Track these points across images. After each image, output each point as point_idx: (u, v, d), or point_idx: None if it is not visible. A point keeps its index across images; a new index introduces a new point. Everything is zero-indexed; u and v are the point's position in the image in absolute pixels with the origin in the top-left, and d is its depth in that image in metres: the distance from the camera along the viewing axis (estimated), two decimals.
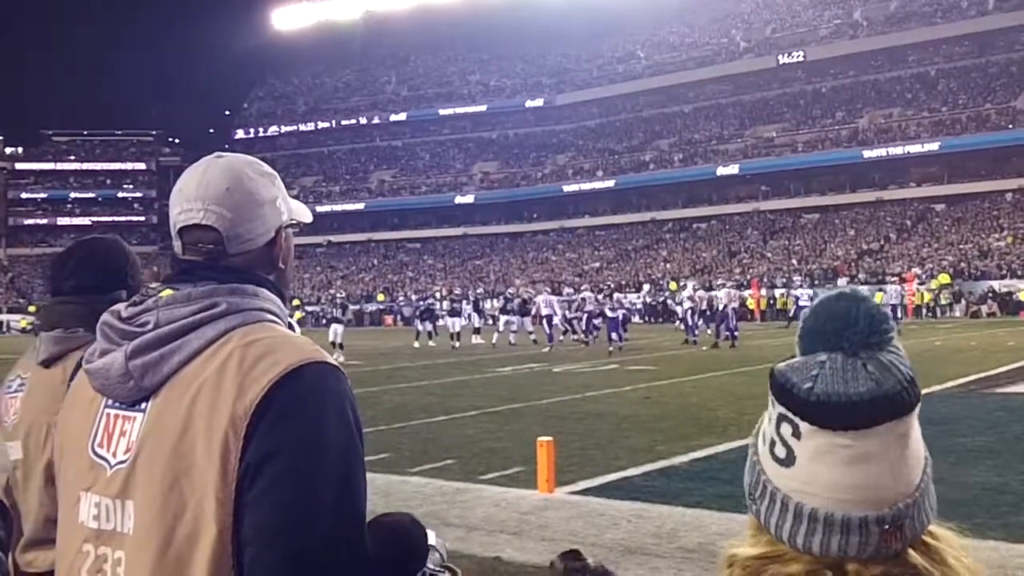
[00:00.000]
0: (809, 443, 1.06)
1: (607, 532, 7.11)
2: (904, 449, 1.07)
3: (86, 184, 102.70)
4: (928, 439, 3.81)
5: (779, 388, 1.10)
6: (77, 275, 2.60)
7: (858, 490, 1.04)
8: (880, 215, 64.60)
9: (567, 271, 70.22)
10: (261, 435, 1.39)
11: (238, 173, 1.63)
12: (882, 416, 1.04)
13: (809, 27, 78.46)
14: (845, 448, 1.04)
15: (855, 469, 1.04)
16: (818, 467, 1.06)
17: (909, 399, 1.06)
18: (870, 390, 1.04)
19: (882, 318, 1.09)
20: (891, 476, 1.05)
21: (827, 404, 1.05)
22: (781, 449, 1.10)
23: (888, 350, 1.08)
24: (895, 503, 1.05)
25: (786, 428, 1.09)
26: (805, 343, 1.12)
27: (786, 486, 1.09)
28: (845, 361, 1.06)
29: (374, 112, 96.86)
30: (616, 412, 14.27)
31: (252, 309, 1.54)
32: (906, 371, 1.07)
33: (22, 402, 2.53)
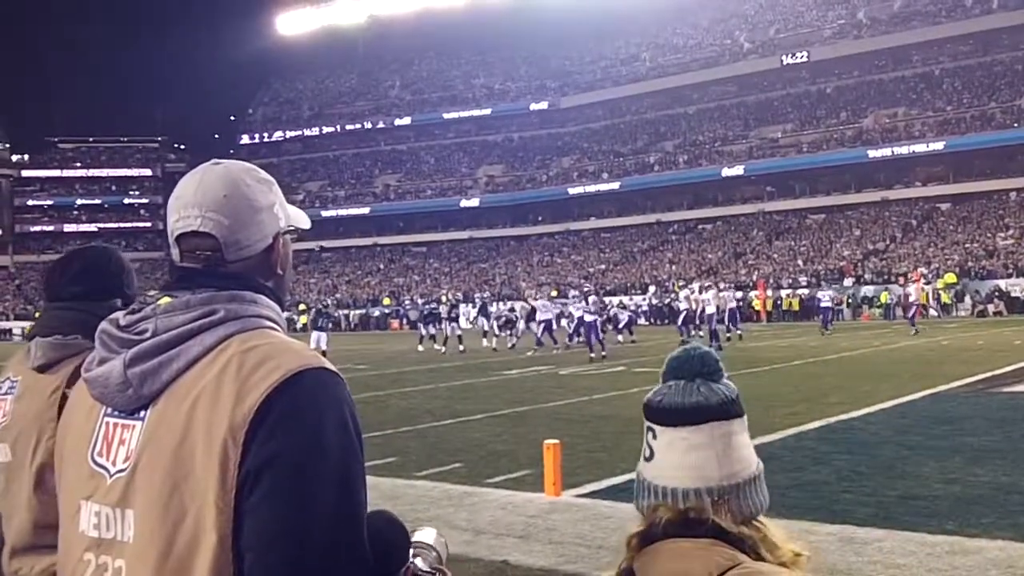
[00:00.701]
0: (662, 440, 1.50)
1: (614, 535, 7.08)
2: (727, 447, 1.47)
3: (92, 191, 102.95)
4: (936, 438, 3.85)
5: (645, 407, 1.54)
6: (75, 282, 2.59)
7: (693, 469, 1.46)
8: (886, 215, 64.50)
9: (573, 274, 70.17)
10: (260, 441, 1.39)
11: (235, 180, 1.63)
12: (707, 417, 1.47)
13: (813, 27, 78.38)
14: (683, 440, 1.47)
15: (691, 455, 1.46)
16: (667, 456, 1.48)
17: (729, 409, 1.49)
18: (699, 401, 1.48)
19: (711, 359, 1.53)
20: (716, 462, 1.46)
21: (670, 409, 1.49)
22: (647, 451, 1.52)
23: (718, 381, 1.51)
24: (720, 482, 1.45)
25: (649, 435, 1.52)
26: (662, 379, 1.55)
27: (650, 475, 1.50)
28: (685, 384, 1.51)
29: (379, 116, 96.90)
30: (622, 414, 14.24)
31: (250, 316, 1.54)
32: (730, 393, 1.50)
33: (13, 405, 2.50)
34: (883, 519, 7.01)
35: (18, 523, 2.37)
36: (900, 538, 6.58)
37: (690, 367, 1.52)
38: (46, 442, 2.36)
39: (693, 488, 1.45)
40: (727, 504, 1.44)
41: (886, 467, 9.21)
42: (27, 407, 2.46)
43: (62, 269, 2.64)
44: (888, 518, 7.05)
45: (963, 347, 26.10)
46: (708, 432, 1.47)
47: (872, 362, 22.19)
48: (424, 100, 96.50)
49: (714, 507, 1.43)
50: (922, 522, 6.95)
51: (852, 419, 12.61)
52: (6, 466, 2.46)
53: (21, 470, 2.40)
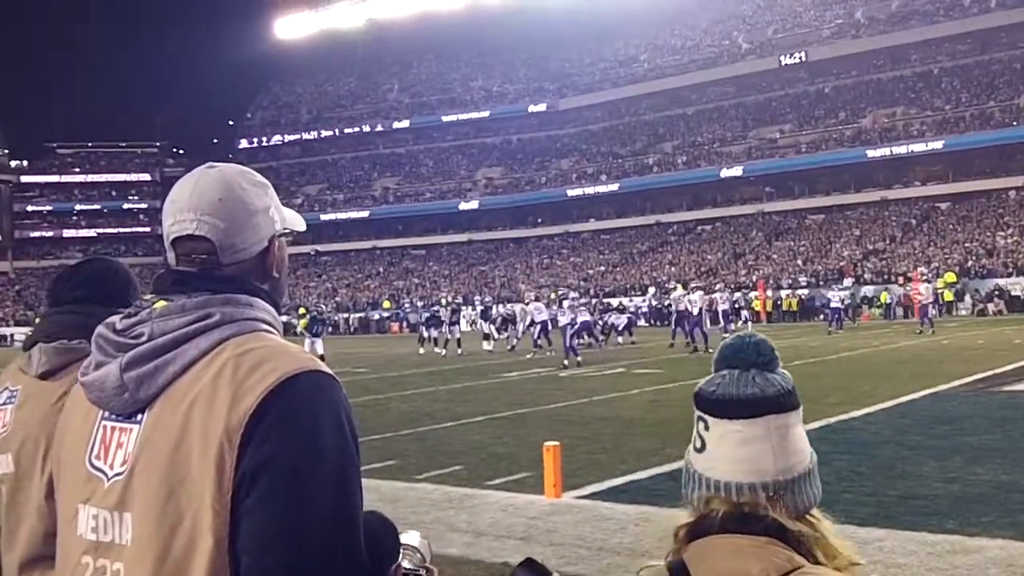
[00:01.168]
0: (715, 432, 1.46)
1: (614, 536, 7.10)
2: (783, 440, 1.44)
3: (91, 196, 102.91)
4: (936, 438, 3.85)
5: (696, 396, 1.51)
6: (82, 288, 2.59)
7: (747, 463, 1.43)
8: (885, 215, 64.50)
9: (572, 275, 70.17)
10: (256, 444, 1.39)
11: (230, 183, 1.63)
12: (763, 410, 1.44)
13: (811, 27, 78.40)
14: (737, 433, 1.44)
15: (745, 448, 1.43)
16: (720, 448, 1.45)
17: (786, 401, 1.46)
18: (754, 393, 1.45)
19: (767, 348, 1.50)
20: (772, 456, 1.43)
21: (724, 401, 1.46)
22: (698, 441, 1.49)
23: (774, 371, 1.48)
24: (775, 476, 1.42)
25: (700, 425, 1.49)
26: (715, 367, 1.52)
27: (701, 467, 1.47)
28: (739, 375, 1.47)
29: (377, 120, 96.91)
30: (622, 416, 14.27)
31: (246, 319, 1.54)
32: (786, 384, 1.47)
33: (14, 414, 2.46)
34: (883, 519, 7.01)
35: (27, 534, 2.33)
36: (901, 537, 6.59)
37: (745, 356, 1.49)
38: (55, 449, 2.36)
39: (747, 483, 1.43)
40: (782, 499, 1.42)
41: (886, 467, 9.21)
42: (30, 415, 2.42)
43: (68, 277, 2.65)
44: (888, 518, 7.05)
45: (963, 346, 26.11)
46: (764, 425, 1.44)
47: (872, 362, 22.19)
48: (423, 103, 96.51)
49: (769, 502, 1.41)
50: (922, 521, 6.96)
51: (852, 419, 12.62)
52: (9, 477, 2.42)
53: (28, 480, 2.36)
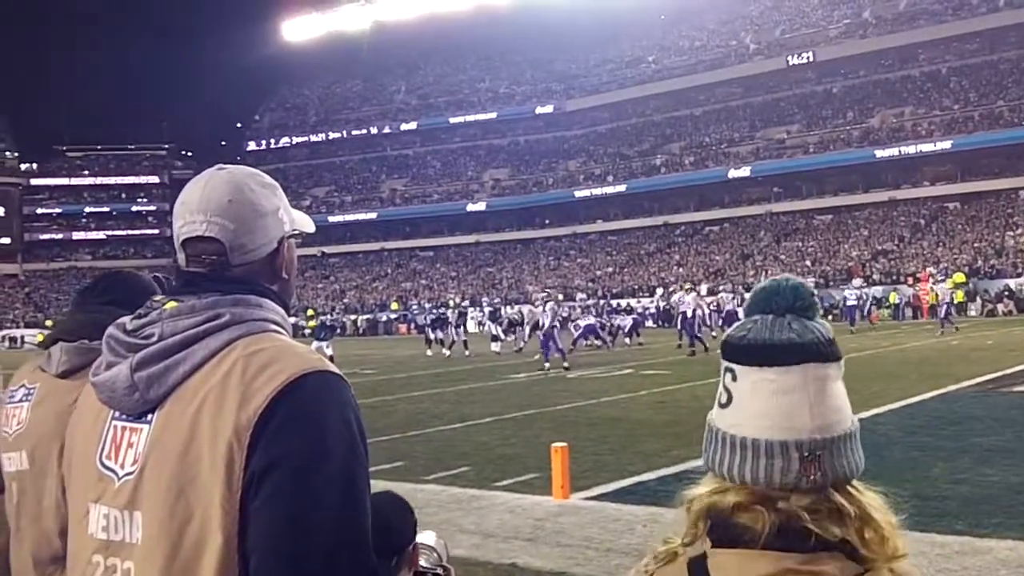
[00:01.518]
0: (743, 382, 1.31)
1: (622, 537, 7.11)
2: (822, 393, 1.29)
3: (100, 198, 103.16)
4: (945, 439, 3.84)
5: (724, 345, 1.35)
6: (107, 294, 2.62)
7: (780, 418, 1.27)
8: (894, 215, 64.35)
9: (580, 276, 70.17)
10: (265, 444, 1.40)
11: (240, 185, 1.64)
12: (801, 357, 1.28)
13: (818, 27, 78.26)
14: (770, 382, 1.28)
15: (778, 399, 1.27)
16: (749, 400, 1.29)
17: (826, 351, 1.30)
18: (791, 338, 1.29)
19: (806, 292, 1.34)
20: (808, 410, 1.27)
21: (756, 346, 1.30)
22: (724, 396, 1.33)
23: (813, 319, 1.33)
24: (812, 434, 1.26)
25: (727, 377, 1.33)
26: (746, 312, 1.37)
27: (725, 423, 1.32)
28: (773, 319, 1.32)
29: (385, 122, 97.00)
30: (630, 417, 14.27)
31: (255, 319, 1.55)
32: (826, 333, 1.31)
33: (30, 412, 2.47)
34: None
35: (42, 531, 2.35)
36: (910, 539, 6.41)
37: (781, 300, 1.33)
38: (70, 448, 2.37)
39: (779, 440, 1.26)
40: (818, 461, 1.25)
41: (895, 468, 9.18)
42: (48, 413, 2.43)
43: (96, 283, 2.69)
44: (898, 519, 6.99)
45: (973, 347, 26.04)
46: (800, 374, 1.28)
47: (881, 363, 22.14)
48: (430, 105, 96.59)
49: (803, 465, 1.25)
50: (932, 522, 6.94)
51: (860, 420, 12.16)
52: (23, 474, 2.44)
53: (43, 478, 2.38)
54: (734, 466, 1.29)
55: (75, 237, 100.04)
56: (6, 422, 2.52)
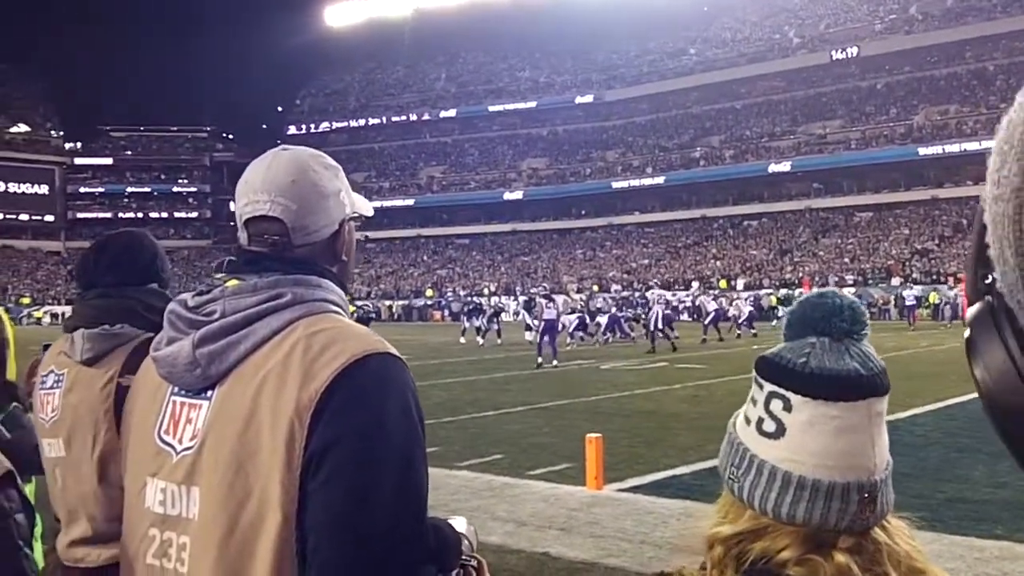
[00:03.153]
0: (800, 415, 1.18)
1: (656, 530, 7.09)
2: (880, 428, 1.20)
3: (142, 179, 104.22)
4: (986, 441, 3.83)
5: (772, 366, 1.22)
6: (110, 270, 2.59)
7: (843, 457, 1.17)
8: (935, 214, 63.64)
9: (615, 268, 70.01)
10: (325, 423, 1.41)
11: (303, 166, 1.65)
12: (866, 392, 1.18)
13: (863, 22, 77.46)
14: (833, 419, 1.17)
15: (842, 438, 1.17)
16: (808, 436, 1.17)
17: (885, 383, 1.20)
18: (857, 368, 1.18)
19: (862, 313, 1.23)
20: (871, 449, 1.18)
21: (820, 377, 1.17)
22: (770, 424, 1.20)
23: (865, 343, 1.22)
24: (872, 474, 1.18)
25: (776, 404, 1.20)
26: (792, 331, 1.24)
27: (774, 457, 1.19)
28: (831, 344, 1.20)
29: (424, 108, 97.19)
30: (665, 410, 14.24)
31: (316, 300, 1.56)
32: (880, 362, 1.22)
33: (62, 399, 2.48)
34: (930, 522, 6.84)
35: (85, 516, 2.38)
36: (948, 542, 6.50)
37: (840, 322, 1.20)
38: (104, 435, 2.38)
39: (841, 482, 1.16)
40: (874, 502, 1.17)
41: (934, 469, 9.11)
42: (78, 401, 2.45)
43: (95, 257, 2.64)
44: (936, 521, 6.89)
45: None
46: (865, 411, 1.17)
47: (920, 362, 21.94)
48: (469, 93, 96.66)
49: (861, 506, 1.16)
50: (971, 526, 6.87)
51: (898, 420, 12.45)
52: (63, 461, 2.45)
53: (80, 464, 2.40)
54: (783, 504, 1.18)
55: (118, 216, 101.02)
56: (41, 408, 2.53)
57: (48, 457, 2.50)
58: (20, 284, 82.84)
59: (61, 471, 2.46)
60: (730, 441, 1.27)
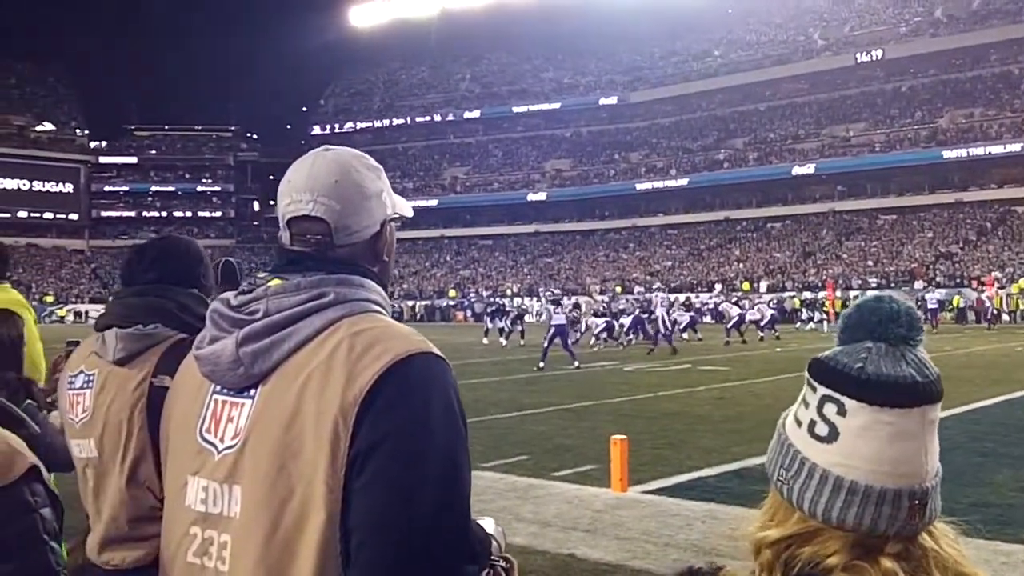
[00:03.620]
0: (854, 420, 1.18)
1: (680, 532, 7.07)
2: (933, 435, 1.19)
3: (166, 178, 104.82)
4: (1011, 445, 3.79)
5: (827, 370, 1.22)
6: (152, 268, 2.58)
7: (896, 464, 1.16)
8: (959, 217, 63.28)
9: (638, 270, 69.91)
10: (370, 423, 1.41)
11: (346, 166, 1.66)
12: (921, 399, 1.17)
13: (888, 25, 77.07)
14: (888, 425, 1.16)
15: (896, 445, 1.16)
16: (861, 442, 1.17)
17: (940, 390, 1.19)
18: (912, 375, 1.17)
19: (918, 319, 1.22)
20: (923, 456, 1.18)
21: (876, 382, 1.17)
22: (823, 427, 1.20)
23: (920, 349, 1.21)
24: (923, 481, 1.17)
25: (830, 408, 1.20)
26: (848, 334, 1.24)
27: (826, 461, 1.19)
28: (888, 350, 1.19)
29: (448, 109, 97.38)
30: (689, 412, 14.20)
31: (359, 300, 1.57)
32: (935, 369, 1.20)
33: (93, 399, 2.46)
34: (956, 527, 6.83)
35: (110, 517, 2.38)
36: (973, 546, 6.34)
37: (896, 327, 1.20)
38: (137, 435, 2.37)
39: (893, 488, 1.16)
40: (924, 508, 1.17)
41: (958, 473, 9.03)
42: (111, 400, 2.43)
43: (139, 256, 2.63)
44: (961, 526, 6.87)
45: None
46: (919, 418, 1.17)
47: (944, 366, 21.28)
48: (494, 93, 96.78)
49: (910, 512, 1.16)
50: (997, 531, 6.81)
51: None
52: (94, 462, 2.44)
53: (112, 465, 2.39)
54: (833, 508, 1.18)
55: (142, 215, 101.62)
56: (71, 409, 2.51)
57: (79, 457, 2.48)
58: (44, 282, 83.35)
59: (92, 471, 2.45)
60: (780, 442, 1.26)
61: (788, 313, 49.83)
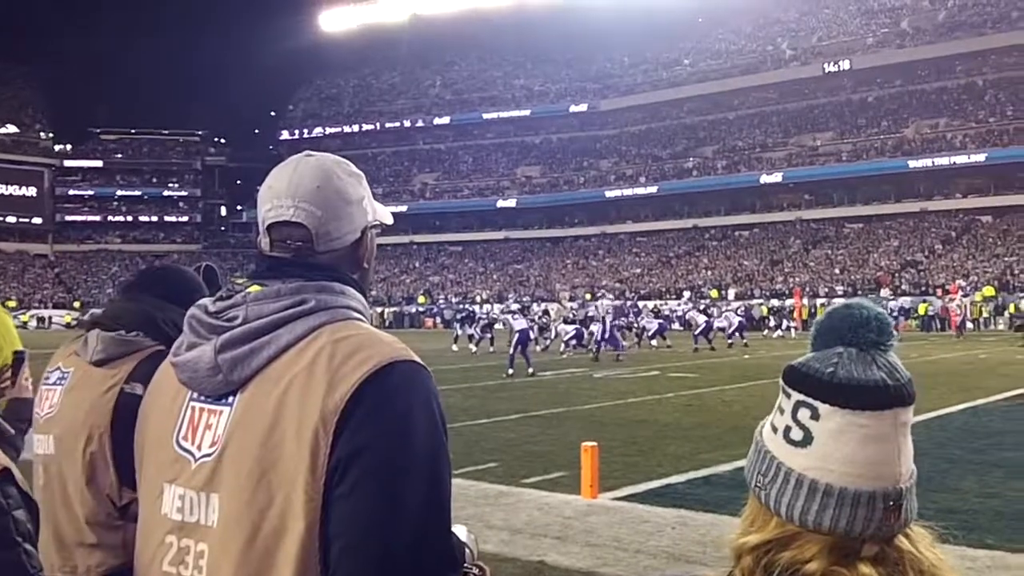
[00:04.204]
0: (828, 423, 1.19)
1: (651, 539, 7.09)
2: (905, 437, 1.21)
3: (132, 182, 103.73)
4: (975, 452, 3.83)
5: (800, 376, 1.23)
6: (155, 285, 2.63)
7: (870, 466, 1.18)
8: (925, 226, 63.93)
9: (607, 277, 70.09)
10: (351, 431, 1.40)
11: (328, 172, 1.65)
12: (893, 402, 1.19)
13: (856, 36, 77.74)
14: (861, 428, 1.18)
15: (869, 447, 1.18)
16: (835, 445, 1.19)
17: (912, 393, 1.21)
18: (884, 379, 1.19)
19: (888, 324, 1.24)
20: (897, 458, 1.19)
21: (847, 386, 1.18)
22: (797, 432, 1.22)
23: (891, 354, 1.23)
24: (898, 482, 1.19)
25: (804, 413, 1.21)
26: (820, 341, 1.25)
27: (801, 465, 1.20)
28: (859, 354, 1.21)
29: (418, 115, 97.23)
30: (658, 419, 14.25)
31: (339, 307, 1.56)
32: (906, 372, 1.22)
33: (63, 396, 2.47)
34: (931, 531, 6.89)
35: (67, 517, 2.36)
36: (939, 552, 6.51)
37: (866, 332, 1.22)
38: (98, 439, 2.36)
39: (868, 490, 1.17)
40: (899, 510, 1.19)
41: (924, 480, 8.94)
42: (79, 399, 2.43)
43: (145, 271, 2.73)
44: (935, 530, 6.90)
45: (1002, 361, 25.83)
46: (891, 420, 1.19)
47: (910, 373, 21.95)
48: (464, 100, 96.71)
49: (886, 514, 1.17)
50: (962, 536, 6.87)
51: None
52: (49, 459, 2.43)
53: (69, 464, 2.38)
54: (810, 512, 1.19)
55: (106, 220, 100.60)
56: (39, 403, 2.52)
57: (37, 453, 2.48)
58: (7, 287, 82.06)
59: (46, 469, 2.44)
60: (757, 450, 1.28)
61: (756, 321, 50.10)
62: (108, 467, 2.35)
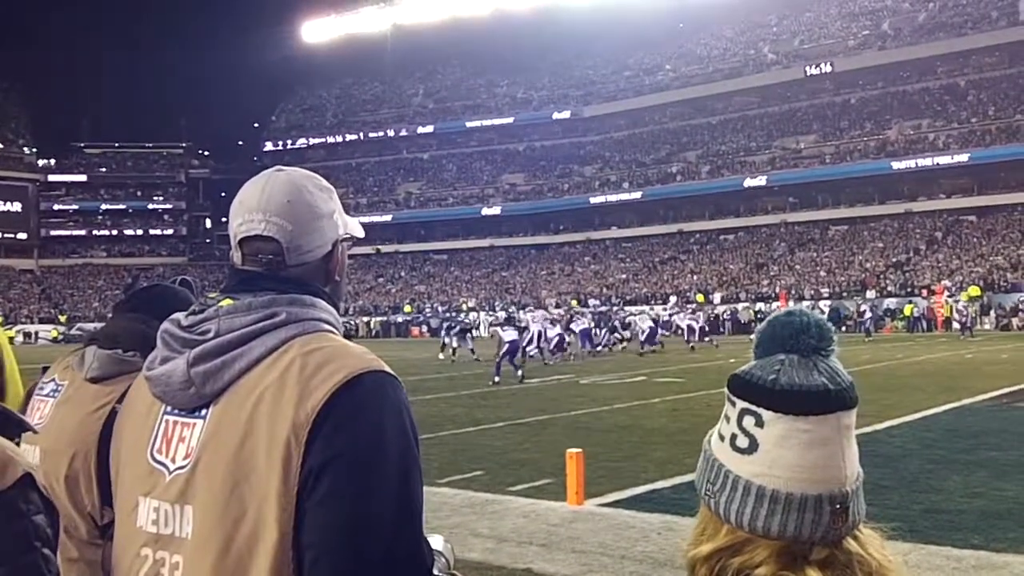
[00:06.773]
0: (772, 430, 1.21)
1: (637, 545, 7.11)
2: (849, 440, 1.22)
3: (117, 196, 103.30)
4: (961, 452, 3.87)
5: (743, 384, 1.25)
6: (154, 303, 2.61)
7: (815, 470, 1.19)
8: (909, 227, 64.17)
9: (593, 283, 70.16)
10: (323, 441, 1.42)
11: (299, 186, 1.67)
12: (835, 406, 1.20)
13: (837, 39, 78.07)
14: (804, 432, 1.19)
15: (813, 451, 1.19)
16: (780, 451, 1.20)
17: (854, 397, 1.22)
18: (825, 383, 1.20)
19: (829, 331, 1.25)
20: (842, 460, 1.21)
21: (789, 392, 1.20)
22: (743, 440, 1.23)
23: (832, 359, 1.24)
24: (843, 485, 1.20)
25: (749, 420, 1.23)
26: (762, 349, 1.27)
27: (748, 472, 1.21)
28: (800, 361, 1.22)
29: (402, 124, 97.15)
30: (644, 425, 14.26)
31: (311, 319, 1.58)
32: (848, 376, 1.23)
33: (54, 408, 2.48)
34: (908, 533, 6.90)
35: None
36: (925, 552, 6.56)
37: (807, 339, 1.23)
38: (84, 455, 2.37)
39: (813, 494, 1.18)
40: (846, 512, 1.20)
41: (910, 481, 9.17)
42: (70, 414, 2.44)
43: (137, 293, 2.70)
44: (913, 532, 6.95)
45: (987, 360, 25.95)
46: (834, 424, 1.20)
47: (895, 375, 22.06)
48: (447, 108, 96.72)
49: (833, 517, 1.19)
50: (947, 536, 6.93)
51: (875, 432, 12.54)
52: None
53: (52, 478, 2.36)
54: (758, 518, 1.20)
55: (91, 234, 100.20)
56: (31, 413, 2.51)
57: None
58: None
59: None
60: (705, 458, 1.29)
61: (744, 324, 50.28)
62: (91, 485, 2.35)
